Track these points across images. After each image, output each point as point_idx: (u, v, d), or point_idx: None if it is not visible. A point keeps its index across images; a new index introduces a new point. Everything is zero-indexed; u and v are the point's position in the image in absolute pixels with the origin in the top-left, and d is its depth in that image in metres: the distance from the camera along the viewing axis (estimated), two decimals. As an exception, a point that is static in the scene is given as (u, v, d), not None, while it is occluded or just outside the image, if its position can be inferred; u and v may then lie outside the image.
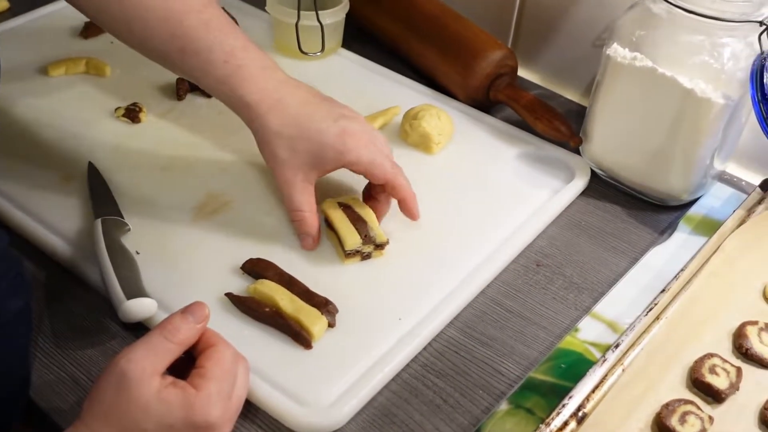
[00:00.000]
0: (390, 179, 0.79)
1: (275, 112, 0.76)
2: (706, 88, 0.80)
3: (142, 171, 0.88)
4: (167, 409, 0.57)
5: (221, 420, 0.60)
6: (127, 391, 0.57)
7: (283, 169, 0.77)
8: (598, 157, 0.92)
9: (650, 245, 0.85)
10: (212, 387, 0.59)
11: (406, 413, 0.69)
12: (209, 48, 0.75)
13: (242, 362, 0.64)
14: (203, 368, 0.60)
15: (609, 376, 0.68)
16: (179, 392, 0.58)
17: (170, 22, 0.75)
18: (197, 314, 0.62)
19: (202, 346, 0.62)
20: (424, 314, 0.75)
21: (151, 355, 0.59)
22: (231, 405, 0.61)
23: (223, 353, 0.62)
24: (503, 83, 0.99)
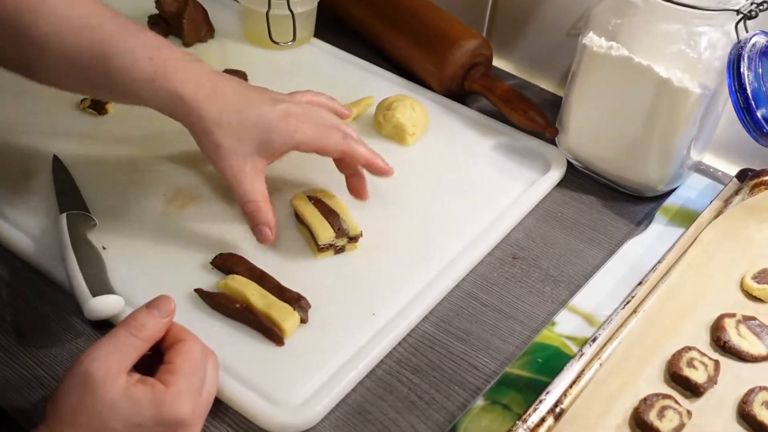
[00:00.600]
0: (343, 149, 0.76)
1: (213, 101, 0.72)
2: (683, 78, 0.79)
3: (108, 164, 0.86)
4: (136, 408, 0.56)
5: (192, 417, 0.58)
6: (93, 391, 0.55)
7: (230, 159, 0.73)
8: (574, 147, 0.91)
9: (627, 237, 0.84)
10: (182, 383, 0.58)
11: (381, 410, 0.67)
12: (131, 49, 0.71)
13: (211, 357, 0.62)
14: (172, 364, 0.59)
15: (586, 370, 0.67)
16: (148, 389, 0.56)
17: (88, 30, 0.71)
18: (163, 308, 0.60)
19: (170, 341, 0.61)
20: (398, 309, 0.73)
21: (116, 353, 0.57)
22: (201, 401, 0.59)
23: (192, 348, 0.60)
24: (478, 73, 0.98)
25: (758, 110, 0.77)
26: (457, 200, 0.85)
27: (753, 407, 0.65)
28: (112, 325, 0.70)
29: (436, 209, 0.84)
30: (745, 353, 0.70)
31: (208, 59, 0.97)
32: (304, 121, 0.74)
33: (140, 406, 0.56)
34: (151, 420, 0.56)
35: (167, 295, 0.62)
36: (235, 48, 1.06)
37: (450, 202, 0.85)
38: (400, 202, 0.84)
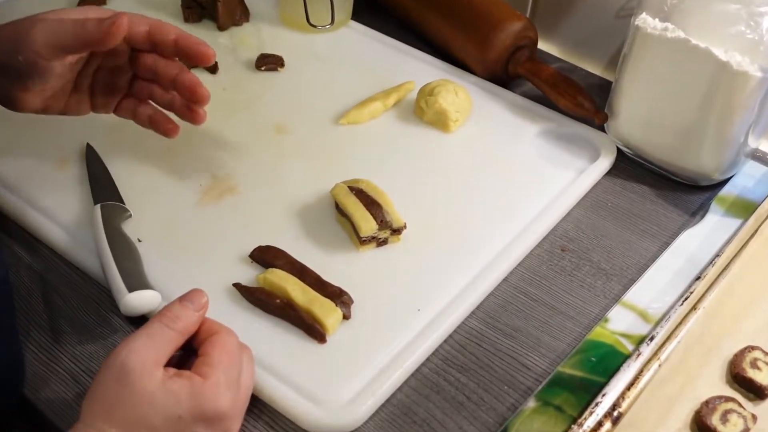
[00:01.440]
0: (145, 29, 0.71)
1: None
2: (743, 61, 0.75)
3: (143, 153, 0.84)
4: (174, 400, 0.54)
5: (231, 409, 0.56)
6: (130, 385, 0.53)
7: None
8: (624, 134, 0.87)
9: (681, 228, 0.80)
10: (220, 375, 0.56)
11: (427, 411, 0.65)
12: None
13: (246, 351, 0.61)
14: (208, 356, 0.57)
15: (645, 371, 0.63)
16: (186, 382, 0.54)
17: None
18: (196, 301, 0.59)
19: (204, 335, 0.59)
20: (444, 304, 0.70)
21: (152, 345, 0.55)
22: (240, 395, 0.58)
23: (228, 340, 0.58)
24: (523, 56, 0.94)
25: (825, 95, 0.73)
26: (502, 190, 0.82)
27: (822, 411, 0.62)
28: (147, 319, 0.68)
29: (481, 199, 0.81)
30: (811, 353, 0.67)
31: (242, 43, 0.95)
32: None
33: (179, 399, 0.54)
34: (190, 413, 0.54)
35: (200, 289, 0.60)
36: (271, 32, 1.03)
37: (495, 192, 0.82)
38: (443, 192, 0.81)
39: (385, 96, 0.90)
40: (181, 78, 0.72)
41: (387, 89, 0.92)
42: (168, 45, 0.71)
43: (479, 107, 0.91)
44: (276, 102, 0.91)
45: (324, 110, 0.90)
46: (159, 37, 0.71)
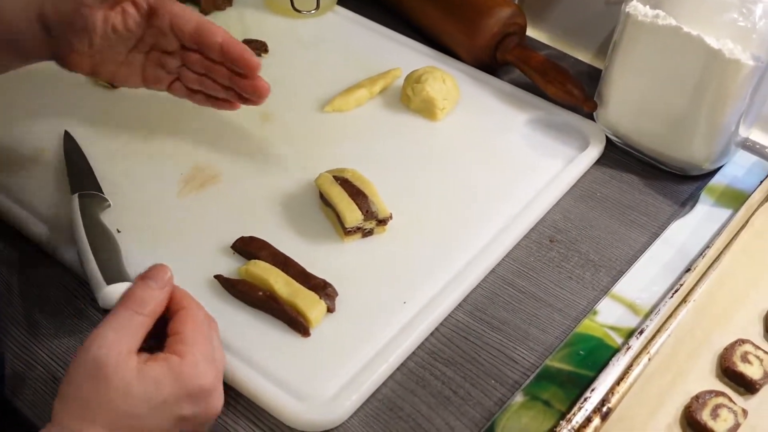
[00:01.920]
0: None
1: None
2: (735, 49, 0.74)
3: (123, 141, 0.82)
4: (155, 386, 0.52)
5: (213, 384, 0.55)
6: (105, 380, 0.51)
7: None
8: (614, 123, 0.85)
9: (670, 218, 0.79)
10: (196, 351, 0.54)
11: (413, 406, 0.63)
12: None
13: (213, 324, 0.59)
14: (181, 333, 0.55)
15: (634, 365, 0.62)
16: (163, 365, 0.53)
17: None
18: (159, 279, 0.56)
19: (172, 308, 0.57)
20: (430, 297, 0.69)
21: (123, 335, 0.53)
22: (218, 367, 0.56)
23: (197, 315, 0.57)
24: (512, 43, 0.92)
25: (818, 84, 0.72)
26: (490, 179, 0.81)
27: (813, 406, 0.61)
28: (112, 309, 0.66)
29: (468, 189, 0.79)
30: (802, 346, 0.66)
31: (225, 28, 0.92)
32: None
33: (159, 384, 0.52)
34: (174, 395, 0.53)
35: (161, 264, 0.57)
36: (255, 17, 1.01)
37: (483, 181, 0.80)
38: (430, 182, 0.79)
39: (371, 83, 0.89)
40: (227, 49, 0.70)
41: (373, 76, 0.90)
42: (213, 48, 0.70)
43: (467, 95, 0.90)
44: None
45: (309, 97, 0.89)
46: (205, 38, 0.70)
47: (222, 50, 0.69)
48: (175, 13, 0.69)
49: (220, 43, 0.69)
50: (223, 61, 0.70)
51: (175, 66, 0.73)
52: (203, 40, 0.69)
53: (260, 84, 0.71)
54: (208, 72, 0.72)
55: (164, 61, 0.72)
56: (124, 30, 0.69)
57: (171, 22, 0.69)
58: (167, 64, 0.73)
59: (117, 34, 0.69)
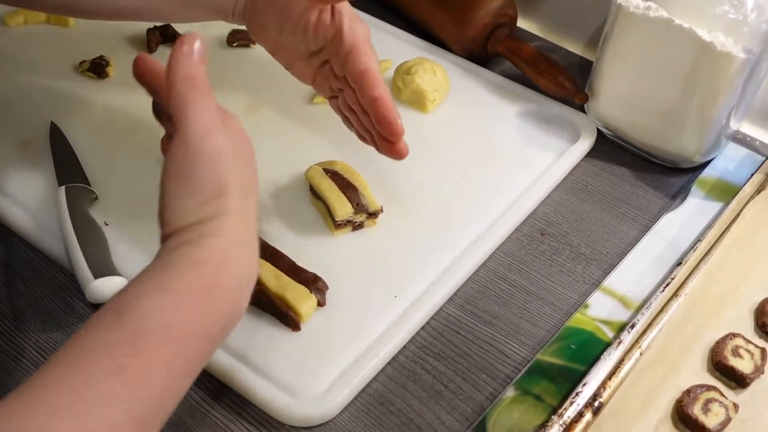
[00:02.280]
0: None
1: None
2: (727, 42, 0.74)
3: (110, 132, 0.81)
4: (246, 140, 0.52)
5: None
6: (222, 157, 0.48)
7: None
8: (605, 115, 0.85)
9: (661, 211, 0.79)
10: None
11: (404, 400, 0.63)
12: None
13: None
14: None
15: (626, 360, 0.62)
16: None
17: None
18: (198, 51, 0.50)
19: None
20: (421, 290, 0.69)
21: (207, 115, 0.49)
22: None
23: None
24: (502, 34, 0.92)
25: (809, 77, 0.72)
26: (480, 172, 0.80)
27: (804, 400, 0.61)
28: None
29: (458, 182, 0.79)
30: (793, 340, 0.66)
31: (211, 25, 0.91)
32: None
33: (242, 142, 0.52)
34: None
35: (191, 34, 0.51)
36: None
37: (473, 174, 0.80)
38: (420, 174, 0.79)
39: (361, 74, 0.88)
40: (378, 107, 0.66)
41: (363, 67, 0.89)
42: (367, 99, 0.66)
43: (457, 86, 0.89)
44: (248, 80, 0.88)
45: (297, 89, 0.87)
46: (364, 86, 0.66)
47: (373, 106, 0.65)
48: (354, 47, 0.66)
49: (374, 98, 0.65)
50: (370, 114, 0.67)
51: (337, 88, 0.70)
52: (362, 86, 0.66)
53: (399, 148, 0.67)
54: (357, 113, 0.69)
55: (331, 77, 0.70)
56: (312, 34, 0.66)
57: (347, 54, 0.66)
58: (332, 83, 0.70)
59: (305, 34, 0.66)
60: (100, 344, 0.42)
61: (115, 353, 0.41)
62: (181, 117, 0.48)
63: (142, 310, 0.43)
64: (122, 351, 0.41)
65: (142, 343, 0.42)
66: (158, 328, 0.43)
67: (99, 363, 0.41)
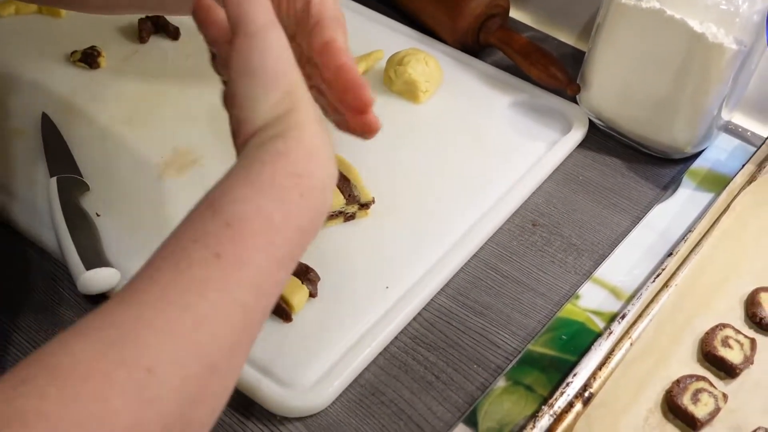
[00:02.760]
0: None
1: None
2: (718, 33, 0.74)
3: (101, 123, 0.80)
4: None
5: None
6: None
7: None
8: (597, 106, 0.85)
9: (653, 202, 0.79)
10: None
11: (396, 391, 0.63)
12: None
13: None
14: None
15: (616, 350, 0.62)
16: None
17: None
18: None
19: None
20: (413, 281, 0.69)
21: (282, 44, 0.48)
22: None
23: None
24: (495, 25, 0.92)
25: (800, 69, 0.72)
26: (473, 162, 0.80)
27: (792, 390, 0.61)
28: (107, 298, 0.66)
29: (451, 172, 0.79)
30: (782, 331, 0.66)
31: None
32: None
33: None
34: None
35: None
36: None
37: (466, 165, 0.80)
38: (412, 165, 0.79)
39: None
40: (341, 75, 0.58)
41: (355, 58, 0.88)
42: (329, 69, 0.58)
43: (450, 77, 0.89)
44: (241, 70, 0.88)
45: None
46: (327, 56, 0.58)
47: (336, 76, 0.57)
48: (320, 21, 0.59)
49: (337, 66, 0.57)
50: (334, 87, 0.59)
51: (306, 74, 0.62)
52: (325, 58, 0.58)
53: (368, 120, 0.58)
54: (322, 91, 0.62)
55: (307, 65, 0.62)
56: (285, 14, 0.60)
57: (312, 29, 0.59)
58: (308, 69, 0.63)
59: (279, 8, 0.60)
60: (197, 235, 0.43)
61: (211, 242, 0.42)
62: (243, 15, 0.47)
63: (235, 200, 0.44)
64: (219, 239, 0.42)
65: (237, 230, 0.43)
66: (252, 216, 0.43)
67: (198, 252, 0.42)
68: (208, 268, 0.41)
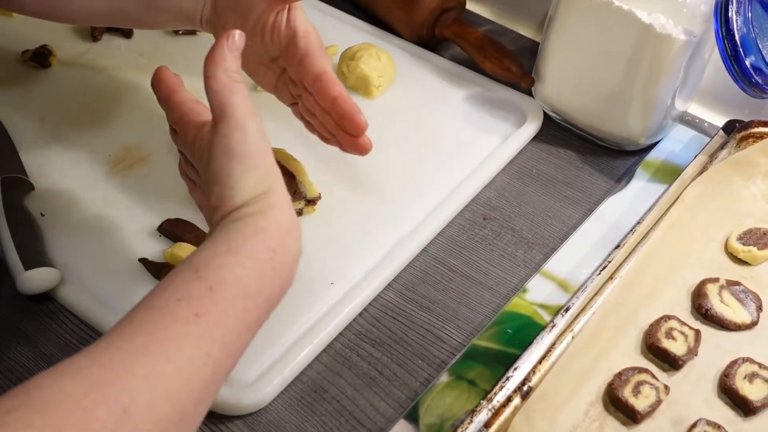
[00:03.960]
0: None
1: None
2: (667, 23, 0.74)
3: (50, 122, 0.80)
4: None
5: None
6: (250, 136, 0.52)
7: None
8: (551, 98, 0.85)
9: (606, 194, 0.79)
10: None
11: (338, 388, 0.63)
12: None
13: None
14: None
15: (558, 343, 0.62)
16: None
17: None
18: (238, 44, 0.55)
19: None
20: (359, 277, 0.69)
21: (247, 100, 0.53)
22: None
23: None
24: (450, 18, 0.91)
25: (747, 58, 0.72)
26: (425, 157, 0.80)
27: (735, 380, 0.61)
28: (49, 298, 0.66)
29: (401, 167, 0.79)
30: (728, 322, 0.66)
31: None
32: None
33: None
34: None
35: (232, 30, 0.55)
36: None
37: (417, 159, 0.80)
38: (363, 160, 0.78)
39: (308, 60, 0.87)
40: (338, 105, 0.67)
41: (310, 53, 0.88)
42: (326, 100, 0.67)
43: (405, 72, 0.89)
44: (194, 68, 0.86)
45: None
46: (322, 88, 0.67)
47: (333, 105, 0.67)
48: (307, 51, 0.67)
49: (333, 97, 0.66)
50: (331, 114, 0.68)
51: (296, 94, 0.71)
52: (320, 89, 0.67)
53: (363, 143, 0.68)
54: (318, 115, 0.70)
55: (290, 84, 0.71)
56: (269, 39, 0.68)
57: (301, 58, 0.67)
58: (291, 89, 0.71)
59: (263, 39, 0.68)
60: (181, 295, 0.46)
61: (193, 302, 0.46)
62: (226, 103, 0.52)
63: (218, 266, 0.48)
64: (200, 301, 0.46)
65: (217, 294, 0.47)
66: (231, 283, 0.48)
67: (181, 310, 0.45)
68: (188, 325, 0.45)
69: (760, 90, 0.74)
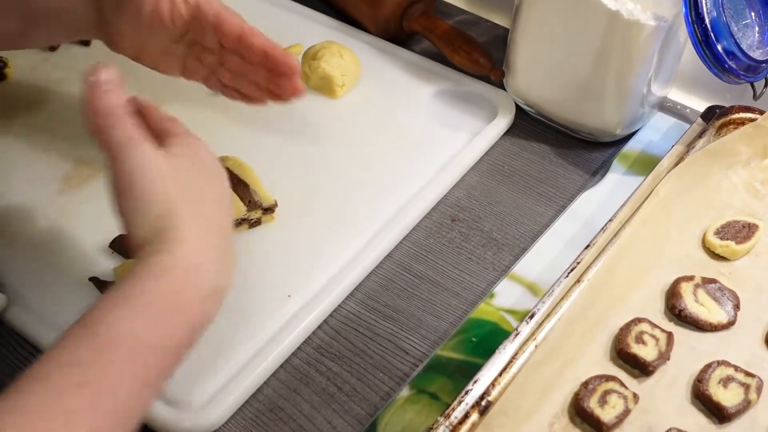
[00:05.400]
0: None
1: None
2: (634, 9, 0.70)
3: (5, 135, 0.78)
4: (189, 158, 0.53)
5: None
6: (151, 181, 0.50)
7: None
8: (522, 90, 0.82)
9: (580, 190, 0.75)
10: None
11: (295, 406, 0.61)
12: None
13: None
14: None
15: (520, 353, 0.59)
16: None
17: None
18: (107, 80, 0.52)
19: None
20: (318, 288, 0.66)
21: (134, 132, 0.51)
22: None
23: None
24: (418, 11, 0.88)
25: (718, 43, 0.68)
26: (390, 158, 0.77)
27: (708, 385, 0.58)
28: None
29: (366, 169, 0.76)
30: (702, 322, 0.62)
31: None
32: None
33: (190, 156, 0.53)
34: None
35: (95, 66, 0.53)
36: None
37: (382, 161, 0.77)
38: (326, 164, 0.76)
39: (271, 61, 0.84)
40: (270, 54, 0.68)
41: (273, 53, 0.85)
42: (256, 53, 0.68)
43: (371, 68, 0.85)
44: (148, 73, 0.84)
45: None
46: (247, 44, 0.68)
47: (264, 55, 0.68)
48: (219, 15, 0.67)
49: (262, 49, 0.68)
50: (262, 64, 0.69)
51: (213, 62, 0.71)
52: (246, 45, 0.68)
53: (298, 84, 0.70)
54: (245, 74, 0.70)
55: (203, 56, 0.70)
56: (170, 21, 0.66)
57: (215, 23, 0.67)
58: (205, 59, 0.70)
59: (163, 23, 0.66)
60: (72, 359, 0.43)
61: (80, 367, 0.43)
62: (106, 140, 0.50)
63: (110, 323, 0.45)
64: (90, 367, 0.43)
65: (107, 357, 0.44)
66: (124, 340, 0.44)
67: (66, 377, 0.43)
68: (75, 397, 0.42)
69: (735, 75, 0.70)
